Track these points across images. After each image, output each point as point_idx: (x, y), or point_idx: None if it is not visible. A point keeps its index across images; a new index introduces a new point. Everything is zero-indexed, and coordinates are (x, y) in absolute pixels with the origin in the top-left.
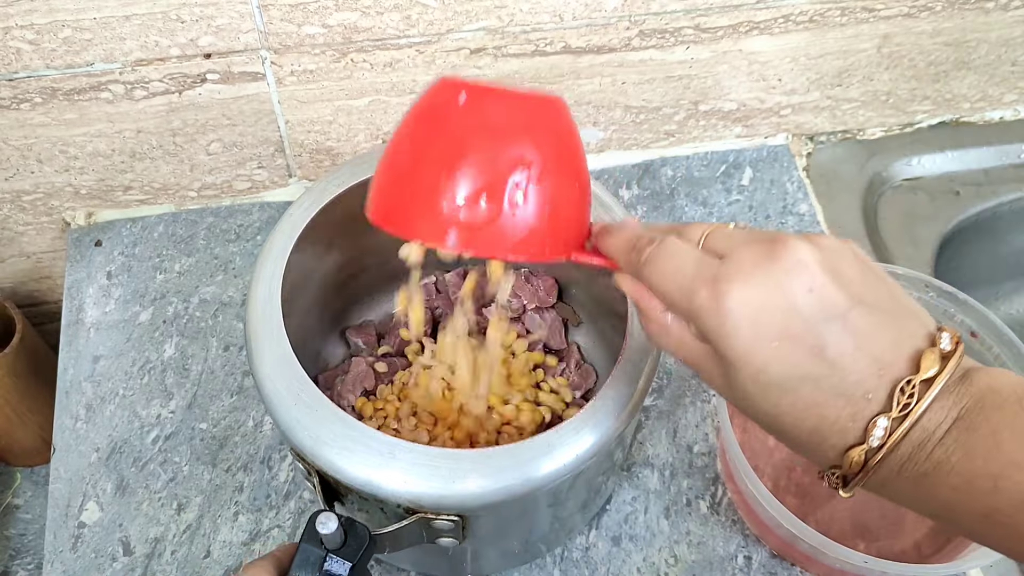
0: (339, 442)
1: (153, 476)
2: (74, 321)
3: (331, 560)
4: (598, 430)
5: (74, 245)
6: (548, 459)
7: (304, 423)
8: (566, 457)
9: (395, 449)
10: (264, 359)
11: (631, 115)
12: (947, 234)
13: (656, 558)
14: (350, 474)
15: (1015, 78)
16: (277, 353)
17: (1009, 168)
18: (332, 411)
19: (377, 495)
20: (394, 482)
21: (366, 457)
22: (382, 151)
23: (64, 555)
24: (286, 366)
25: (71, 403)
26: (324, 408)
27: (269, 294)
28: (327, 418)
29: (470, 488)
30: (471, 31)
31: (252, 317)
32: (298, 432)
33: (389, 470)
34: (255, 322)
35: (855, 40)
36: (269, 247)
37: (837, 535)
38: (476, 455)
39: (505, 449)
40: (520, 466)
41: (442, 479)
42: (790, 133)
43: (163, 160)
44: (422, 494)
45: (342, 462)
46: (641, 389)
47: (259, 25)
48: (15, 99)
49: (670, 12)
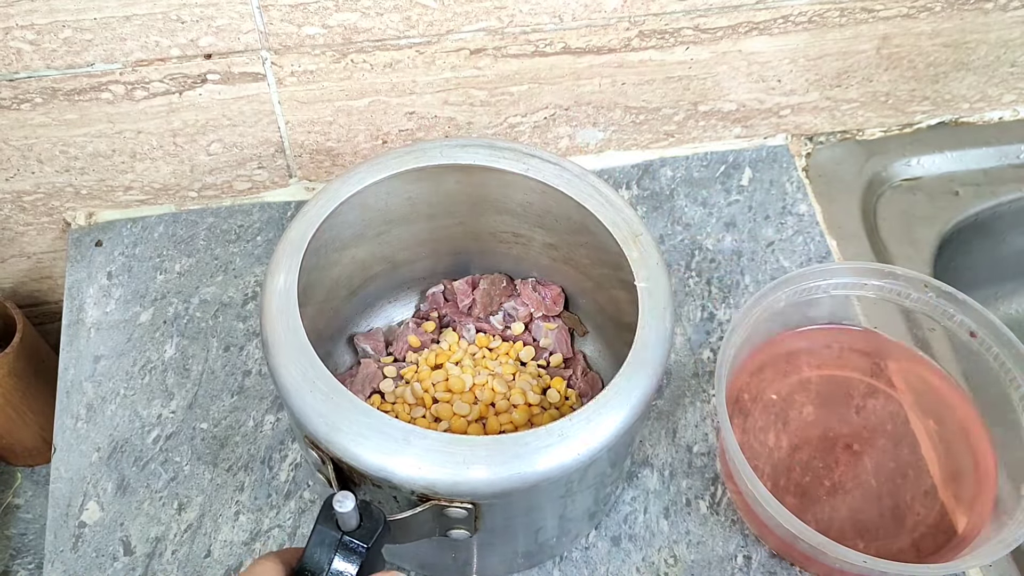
0: (354, 428)
1: (154, 476)
2: (75, 321)
3: (346, 542)
4: (613, 418)
5: (74, 245)
6: (562, 447)
7: (319, 410)
8: (580, 446)
9: (410, 435)
10: (280, 348)
11: (631, 116)
12: (946, 234)
13: (656, 558)
14: (365, 460)
15: (1014, 79)
16: (293, 342)
17: (1008, 168)
18: (347, 398)
19: (392, 481)
20: (408, 468)
21: (381, 443)
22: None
23: (65, 555)
24: (302, 354)
25: (72, 403)
26: (339, 395)
27: (286, 285)
28: (342, 405)
29: (484, 474)
30: (471, 32)
31: (268, 307)
32: (313, 419)
33: (404, 456)
34: (271, 311)
35: (854, 41)
36: (286, 240)
37: (837, 535)
38: (490, 441)
39: (519, 436)
40: (534, 453)
41: (456, 465)
42: (789, 133)
43: (163, 160)
44: (436, 480)
45: (357, 448)
46: (656, 377)
47: (259, 26)
48: (16, 99)
49: (670, 13)
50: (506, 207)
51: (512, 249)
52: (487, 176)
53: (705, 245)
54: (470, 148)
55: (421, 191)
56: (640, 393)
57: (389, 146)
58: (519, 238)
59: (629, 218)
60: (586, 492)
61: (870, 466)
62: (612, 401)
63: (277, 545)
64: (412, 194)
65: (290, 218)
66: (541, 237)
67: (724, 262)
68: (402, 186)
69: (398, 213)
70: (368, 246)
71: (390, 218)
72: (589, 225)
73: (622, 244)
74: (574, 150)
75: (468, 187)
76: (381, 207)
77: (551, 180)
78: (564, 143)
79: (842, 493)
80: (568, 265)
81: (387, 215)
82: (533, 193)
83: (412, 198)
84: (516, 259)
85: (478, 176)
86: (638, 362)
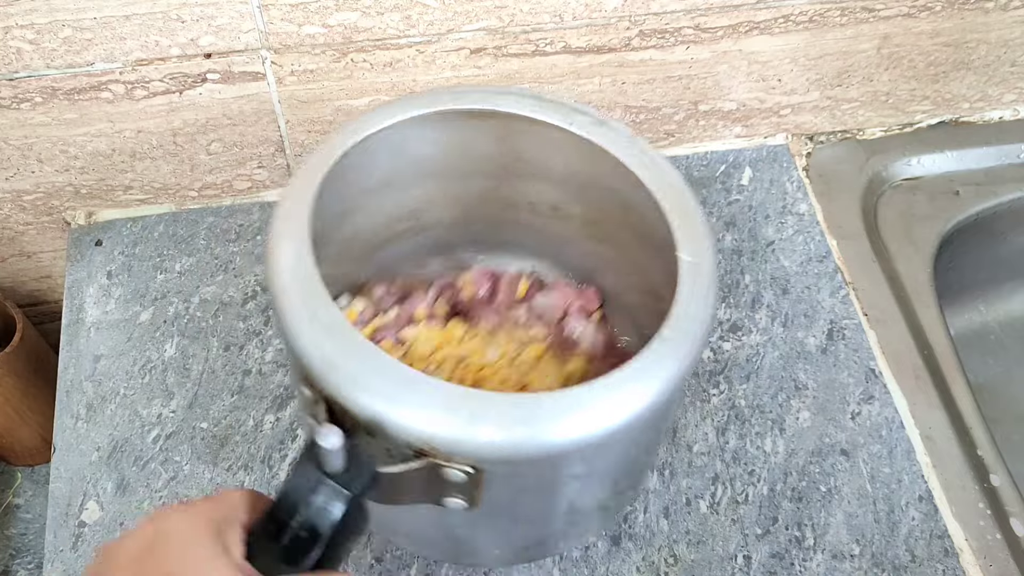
0: (354, 367)
1: (154, 475)
2: (74, 320)
3: (329, 484)
4: (643, 390)
5: (74, 245)
6: (581, 414)
7: (317, 343)
8: (602, 416)
9: (414, 382)
10: (283, 273)
11: (631, 115)
12: (947, 234)
13: (655, 558)
14: (360, 401)
15: (1015, 78)
16: (298, 269)
17: (1009, 168)
18: (350, 334)
19: (386, 428)
20: (406, 416)
21: (381, 386)
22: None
23: (64, 554)
24: (306, 282)
25: (72, 402)
26: (343, 330)
27: (297, 208)
28: (344, 341)
29: (490, 434)
30: (471, 31)
31: (274, 228)
32: (310, 351)
33: (404, 403)
34: (277, 232)
35: (855, 40)
36: (305, 165)
37: None
38: (501, 399)
39: (534, 396)
40: (549, 417)
41: (461, 420)
42: (790, 133)
43: (163, 160)
44: (436, 434)
45: (354, 388)
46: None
47: (259, 25)
48: (15, 99)
49: (670, 12)
50: (547, 174)
51: (550, 224)
52: (529, 133)
53: None
54: (512, 96)
55: (455, 142)
56: (674, 366)
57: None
58: (557, 211)
59: (680, 189)
60: (604, 479)
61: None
62: (643, 371)
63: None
64: (446, 144)
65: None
66: (583, 212)
67: (724, 261)
68: (434, 133)
69: (430, 165)
70: (396, 196)
71: (421, 170)
72: (634, 196)
73: (668, 216)
74: None
75: (507, 144)
76: (413, 153)
77: (597, 139)
78: None
79: None
80: (609, 246)
81: (418, 165)
82: (576, 156)
83: (446, 149)
84: (554, 237)
85: (519, 129)
86: (675, 333)
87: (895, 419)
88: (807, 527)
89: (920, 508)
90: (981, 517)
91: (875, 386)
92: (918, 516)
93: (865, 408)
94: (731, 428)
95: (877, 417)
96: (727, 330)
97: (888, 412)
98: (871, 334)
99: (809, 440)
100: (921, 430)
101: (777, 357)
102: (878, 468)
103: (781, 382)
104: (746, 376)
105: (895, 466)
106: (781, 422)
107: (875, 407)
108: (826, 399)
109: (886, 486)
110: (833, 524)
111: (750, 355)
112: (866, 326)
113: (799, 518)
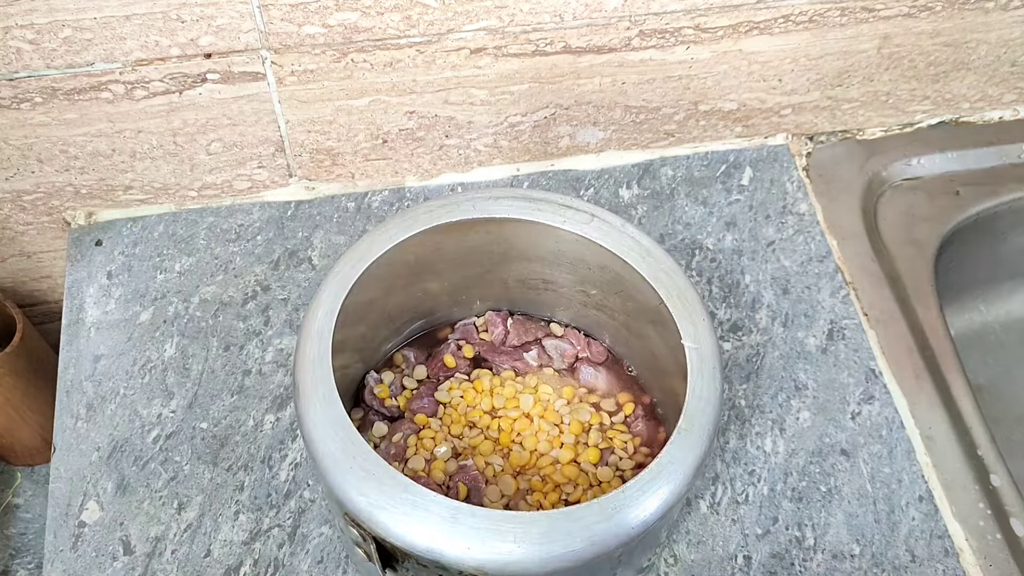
0: (399, 507)
1: (154, 475)
2: (75, 320)
3: None
4: (668, 487)
5: (74, 245)
6: (616, 519)
7: (361, 488)
8: (634, 518)
9: (457, 513)
10: (316, 423)
11: (631, 115)
12: (947, 234)
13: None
14: (411, 540)
15: (1015, 78)
16: (330, 416)
17: (1009, 168)
18: (390, 474)
19: (440, 561)
20: (457, 548)
21: (428, 522)
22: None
23: (64, 554)
24: (340, 428)
25: (72, 402)
26: (381, 471)
27: (320, 353)
28: (385, 481)
29: (536, 552)
30: (471, 31)
31: (301, 376)
32: (354, 497)
33: (452, 535)
34: (306, 384)
35: (855, 40)
36: (318, 300)
37: None
38: (542, 518)
39: (572, 511)
40: (588, 528)
41: (507, 544)
42: (790, 133)
43: (163, 160)
44: (487, 560)
45: (402, 528)
46: (708, 441)
47: (259, 25)
48: (15, 99)
49: (670, 12)
50: (539, 256)
51: (542, 296)
52: (520, 227)
53: (706, 244)
54: (503, 200)
55: (450, 242)
56: (694, 457)
57: (389, 145)
58: (549, 284)
59: (672, 271)
60: (637, 553)
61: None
62: (666, 470)
63: (277, 545)
64: (441, 245)
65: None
66: (572, 283)
67: (725, 261)
68: (431, 238)
69: (426, 265)
70: (397, 298)
71: (418, 270)
72: (626, 277)
73: (666, 300)
74: (574, 149)
75: (499, 237)
76: (410, 260)
77: (590, 233)
78: (564, 142)
79: None
80: (602, 312)
81: (415, 267)
82: (568, 244)
83: (441, 249)
84: (547, 305)
85: (511, 228)
86: (691, 426)
87: (895, 419)
88: (807, 527)
89: (920, 508)
90: (981, 517)
91: (875, 386)
92: (918, 516)
93: (865, 408)
94: (731, 428)
95: (877, 417)
96: (727, 330)
97: (888, 412)
98: (871, 334)
99: (809, 440)
100: (921, 430)
101: (777, 357)
102: (878, 468)
103: (781, 382)
104: (746, 376)
105: (895, 466)
106: (781, 422)
107: (875, 407)
108: (826, 399)
109: (886, 486)
110: (833, 524)
111: (750, 355)
112: (866, 326)
113: (799, 518)
